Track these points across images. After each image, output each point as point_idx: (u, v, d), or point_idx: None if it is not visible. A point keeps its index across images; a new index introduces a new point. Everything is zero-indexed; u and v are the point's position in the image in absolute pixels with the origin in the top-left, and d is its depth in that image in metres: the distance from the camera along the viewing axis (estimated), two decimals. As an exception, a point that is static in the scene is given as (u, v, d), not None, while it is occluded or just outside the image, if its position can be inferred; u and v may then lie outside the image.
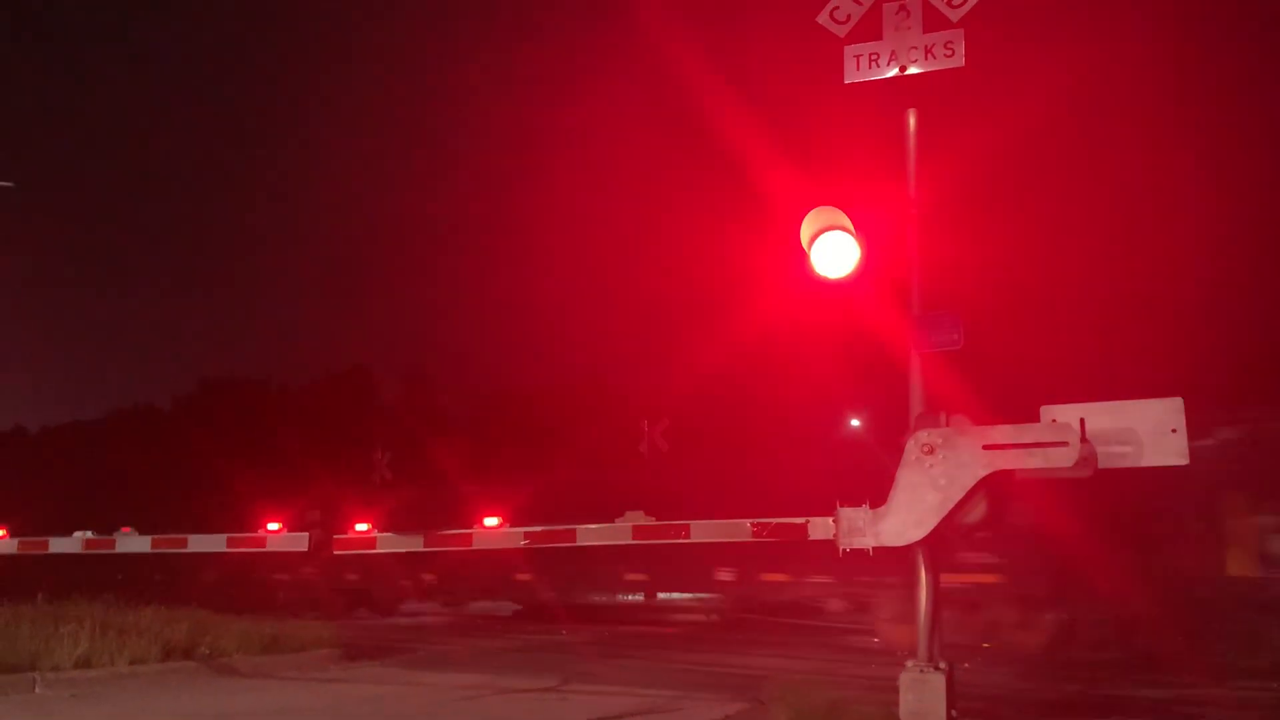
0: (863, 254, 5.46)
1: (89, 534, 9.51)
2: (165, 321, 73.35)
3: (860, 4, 5.86)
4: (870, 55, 5.76)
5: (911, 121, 5.75)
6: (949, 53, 5.60)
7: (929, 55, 5.64)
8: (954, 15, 5.63)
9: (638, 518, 6.48)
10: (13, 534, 10.84)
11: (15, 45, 78.39)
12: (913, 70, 5.68)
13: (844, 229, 5.49)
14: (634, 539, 6.44)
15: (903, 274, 5.61)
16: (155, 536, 9.36)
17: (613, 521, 6.58)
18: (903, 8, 5.74)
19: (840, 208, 5.49)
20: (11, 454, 40.08)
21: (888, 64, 5.73)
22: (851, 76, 5.83)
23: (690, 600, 19.62)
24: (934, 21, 5.64)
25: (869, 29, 5.78)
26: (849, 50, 5.84)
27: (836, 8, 5.87)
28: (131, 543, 9.33)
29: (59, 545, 9.51)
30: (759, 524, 5.87)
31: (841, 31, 5.86)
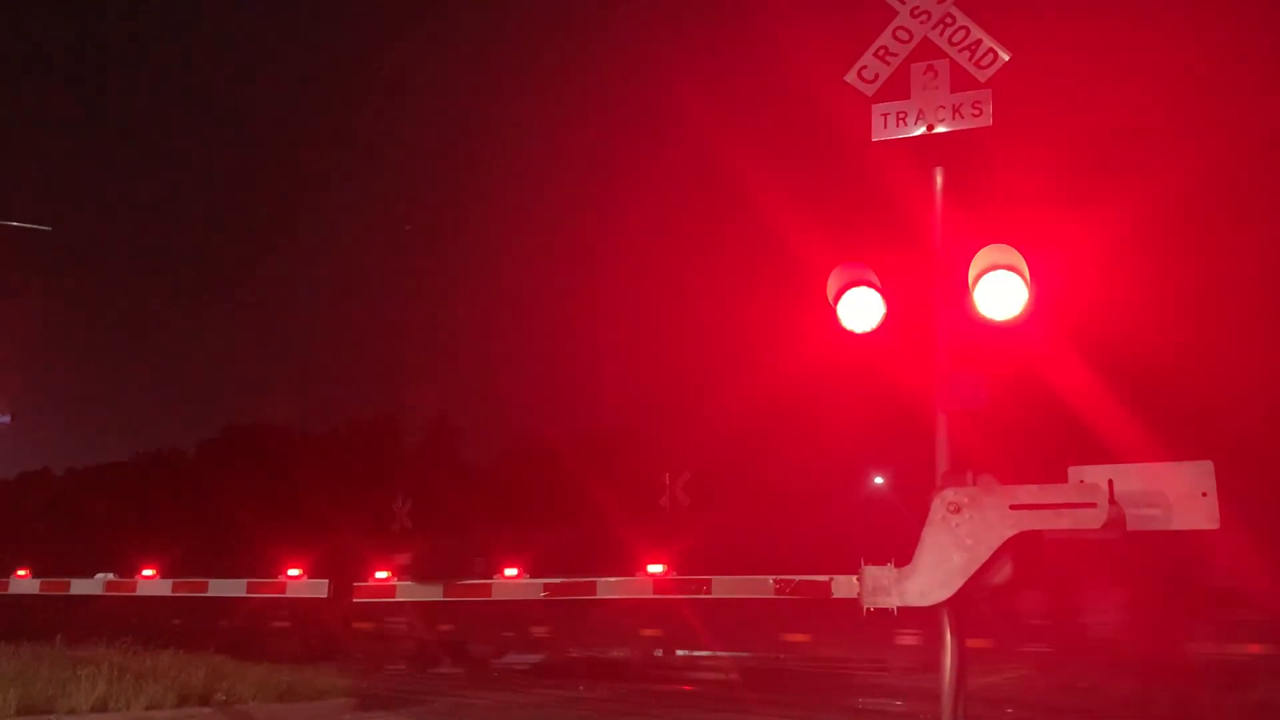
0: (889, 310, 5.45)
1: (111, 576, 9.55)
2: (191, 367, 74.02)
3: (888, 64, 5.91)
4: (898, 114, 5.80)
5: (939, 179, 5.77)
6: (977, 112, 5.63)
7: (956, 114, 5.67)
8: (982, 76, 5.67)
9: (658, 571, 6.44)
10: (35, 574, 10.89)
11: (51, 85, 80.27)
12: (940, 129, 5.71)
13: (870, 284, 5.49)
14: (654, 593, 6.39)
15: (929, 331, 5.58)
16: (176, 580, 9.40)
17: (633, 575, 6.54)
18: (930, 67, 5.78)
19: (868, 264, 5.50)
20: (37, 495, 40.34)
21: (915, 122, 5.77)
22: (879, 135, 5.86)
23: (709, 657, 19.39)
24: (962, 81, 5.68)
25: (897, 88, 5.83)
26: (877, 109, 5.88)
27: (864, 67, 5.92)
28: (153, 586, 9.36)
29: (80, 587, 9.55)
30: (782, 581, 5.82)
31: (869, 90, 5.91)
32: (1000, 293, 5.27)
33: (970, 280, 5.33)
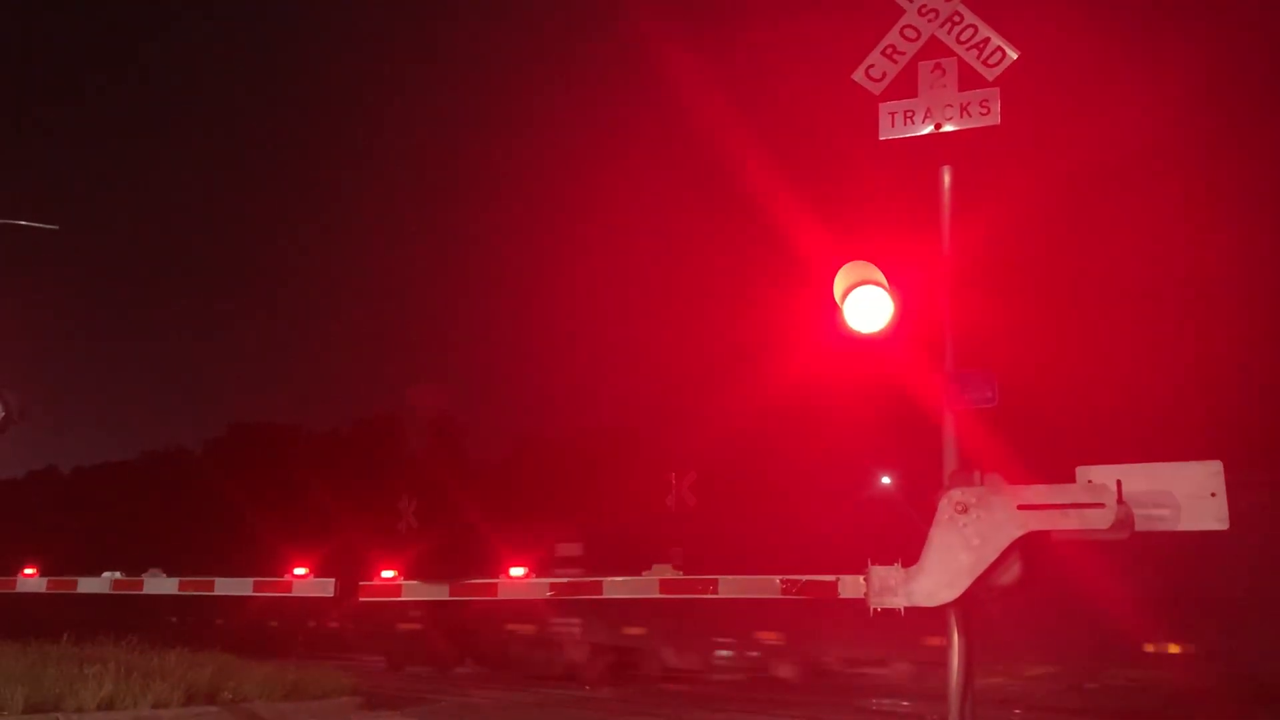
0: (896, 310, 5.43)
1: (118, 574, 9.54)
2: (197, 366, 74.18)
3: (895, 62, 5.89)
4: (905, 112, 5.77)
5: (946, 178, 5.74)
6: (984, 110, 5.61)
7: (964, 113, 5.65)
8: (989, 74, 5.64)
9: (665, 571, 6.41)
10: (42, 573, 10.88)
11: (55, 84, 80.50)
12: (948, 128, 5.69)
13: (878, 284, 5.47)
14: (661, 593, 6.35)
15: (937, 330, 5.56)
16: (182, 579, 9.38)
17: (639, 574, 6.51)
18: (938, 66, 5.76)
19: (874, 263, 5.48)
20: (43, 493, 40.46)
21: (923, 121, 5.75)
22: (886, 133, 5.84)
23: (715, 657, 19.33)
24: (970, 80, 5.66)
25: (904, 87, 5.81)
26: (884, 107, 5.86)
27: (872, 65, 5.90)
28: (159, 584, 9.35)
29: (87, 585, 9.54)
30: (788, 580, 5.78)
31: (876, 89, 5.88)
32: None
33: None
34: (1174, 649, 13.73)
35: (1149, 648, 13.98)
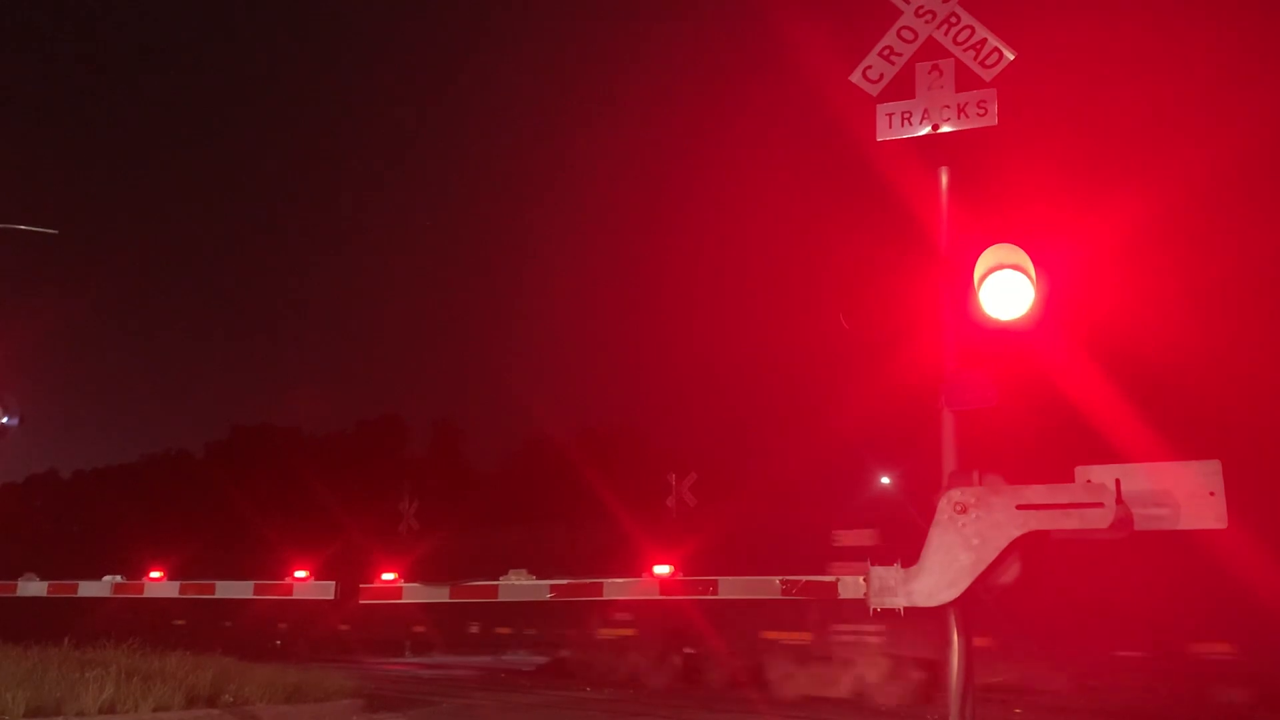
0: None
1: (119, 578, 9.55)
2: (200, 368, 74.22)
3: (893, 63, 5.90)
4: (903, 113, 5.78)
5: (944, 179, 5.75)
6: (982, 111, 5.62)
7: (961, 114, 5.66)
8: (986, 75, 5.65)
9: (664, 572, 6.42)
10: (43, 577, 10.89)
11: (57, 86, 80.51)
12: (945, 128, 5.70)
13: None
14: (661, 594, 6.37)
15: (935, 332, 5.57)
16: (183, 582, 9.39)
17: (639, 575, 6.52)
18: (935, 67, 5.77)
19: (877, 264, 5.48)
20: (44, 497, 40.48)
21: (920, 122, 5.75)
22: (884, 134, 5.84)
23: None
24: (967, 80, 5.67)
25: (902, 88, 5.82)
26: (881, 108, 5.87)
27: (869, 67, 5.91)
28: (159, 588, 9.36)
29: (88, 589, 9.54)
30: (788, 581, 5.79)
31: (874, 90, 5.89)
32: (1006, 292, 5.23)
33: (976, 279, 5.30)
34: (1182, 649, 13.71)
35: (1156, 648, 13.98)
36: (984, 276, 5.29)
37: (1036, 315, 5.22)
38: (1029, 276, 5.22)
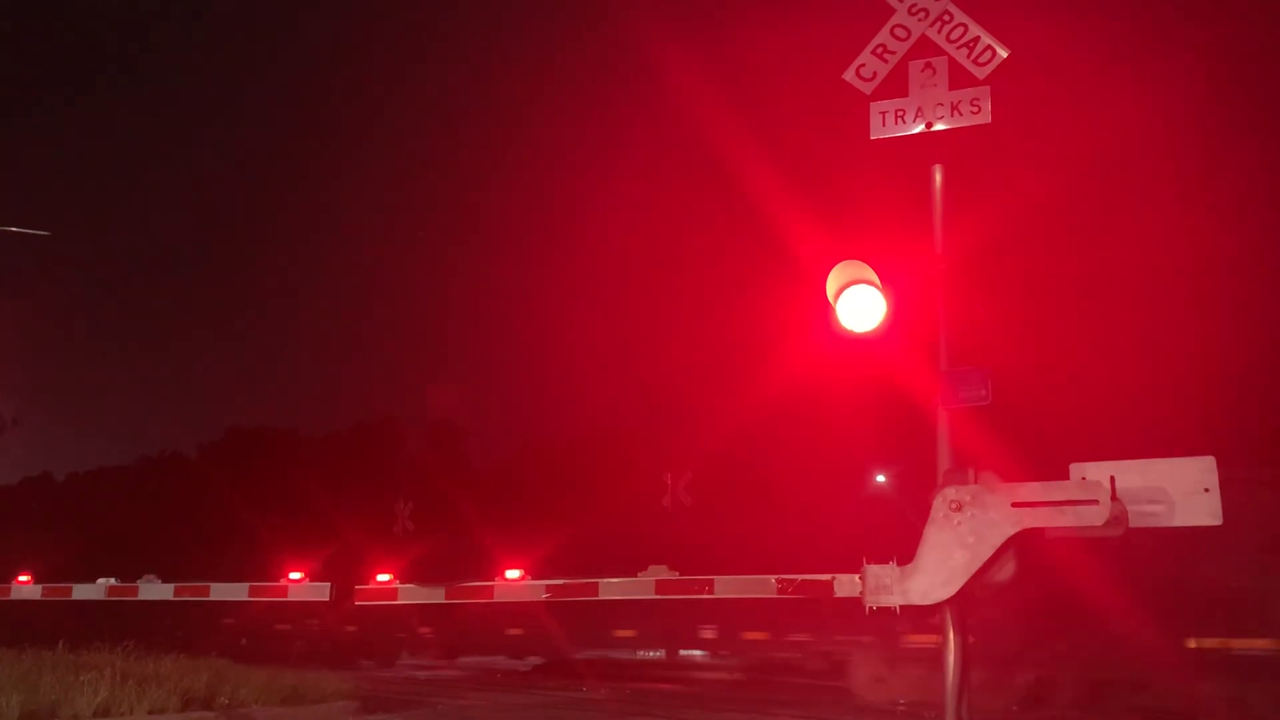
0: (889, 308, 5.44)
1: (113, 581, 9.53)
2: (194, 370, 74.09)
3: (886, 61, 5.90)
4: (896, 111, 5.79)
5: (938, 177, 5.76)
6: (975, 109, 5.63)
7: (955, 112, 5.66)
8: (980, 73, 5.66)
9: (660, 572, 6.42)
10: (37, 580, 10.87)
11: (51, 85, 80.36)
12: (939, 126, 5.70)
13: (870, 283, 5.48)
14: (657, 594, 6.37)
15: (930, 329, 5.57)
16: (178, 584, 9.38)
17: (635, 576, 6.52)
18: (928, 65, 5.77)
19: (867, 262, 5.49)
20: (38, 500, 40.35)
21: (914, 120, 5.76)
22: (878, 132, 5.85)
23: (711, 658, 19.34)
24: (960, 79, 5.67)
25: (895, 86, 5.82)
26: (875, 107, 5.88)
27: (862, 65, 5.92)
28: (154, 590, 9.34)
29: (82, 592, 9.53)
30: (784, 580, 5.80)
31: (868, 89, 5.90)
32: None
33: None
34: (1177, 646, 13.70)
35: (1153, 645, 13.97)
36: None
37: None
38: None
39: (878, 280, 5.46)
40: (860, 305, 5.48)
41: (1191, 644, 13.36)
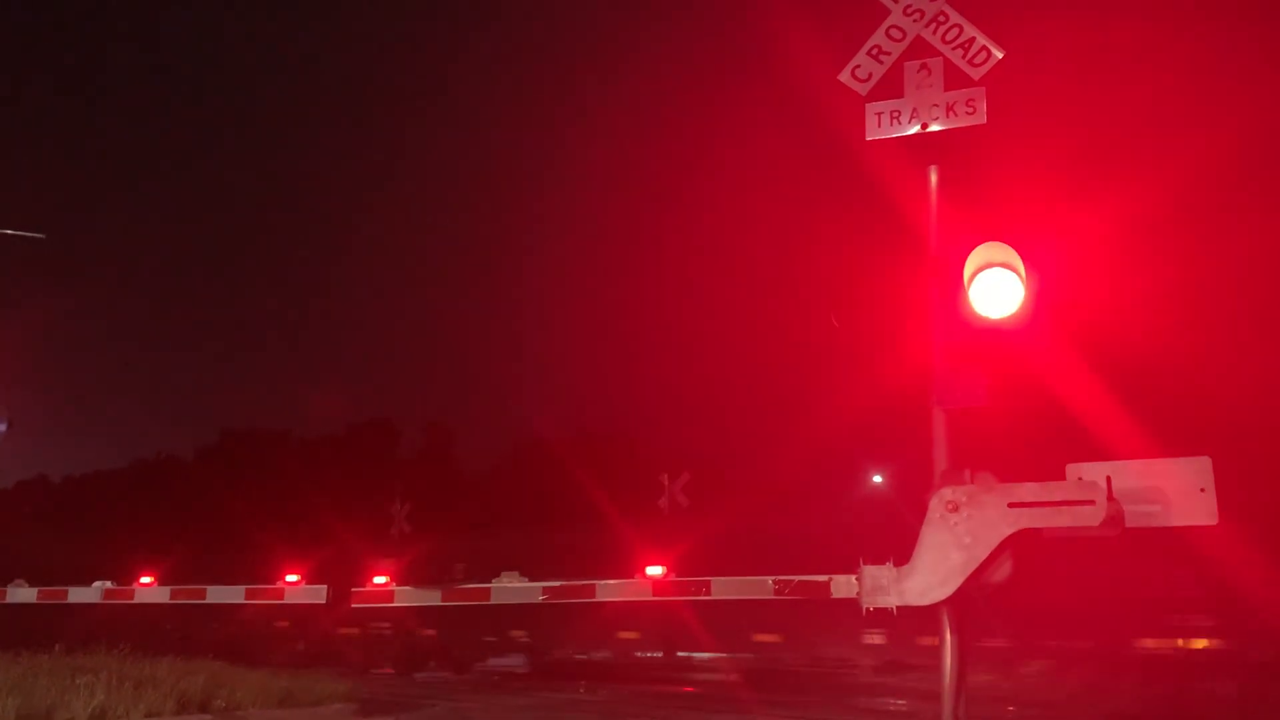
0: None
1: (109, 584, 9.52)
2: (189, 373, 73.97)
3: (881, 62, 5.90)
4: (892, 112, 5.78)
5: (933, 178, 5.76)
6: (971, 110, 5.62)
7: (950, 112, 5.66)
8: (975, 74, 5.66)
9: (656, 574, 6.42)
10: (33, 583, 10.86)
11: (46, 88, 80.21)
12: (934, 127, 5.70)
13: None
14: (654, 595, 6.37)
15: (926, 329, 5.56)
16: (174, 587, 9.38)
17: (632, 577, 6.52)
18: (924, 66, 5.77)
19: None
20: (34, 503, 40.27)
21: (909, 121, 5.76)
22: (873, 133, 5.84)
23: (708, 658, 19.34)
24: (955, 79, 5.67)
25: (891, 87, 5.82)
26: (870, 107, 5.87)
27: (858, 66, 5.91)
28: (150, 593, 9.34)
29: (78, 595, 9.52)
30: (781, 581, 5.80)
31: (863, 89, 5.89)
32: (996, 290, 5.22)
33: (966, 278, 5.29)
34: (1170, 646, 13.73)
35: (1145, 644, 14.01)
36: (974, 275, 5.27)
37: (1027, 313, 5.20)
38: (1019, 274, 5.21)
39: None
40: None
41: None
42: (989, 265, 5.23)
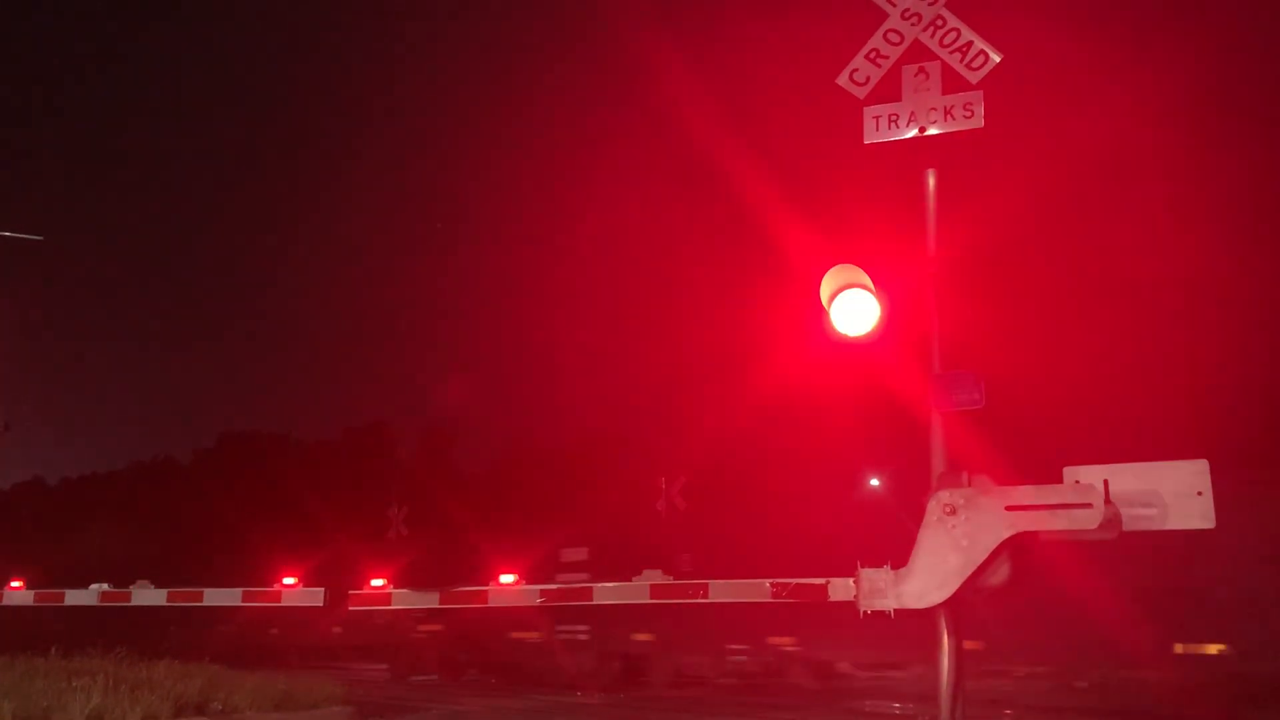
0: (883, 312, 5.44)
1: (105, 586, 9.49)
2: (186, 375, 73.90)
3: (879, 66, 5.91)
4: (890, 116, 5.79)
5: (931, 181, 5.76)
6: (968, 114, 5.63)
7: (948, 116, 5.67)
8: (973, 77, 5.66)
9: (655, 576, 6.41)
10: (29, 585, 10.82)
11: (44, 90, 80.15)
12: (932, 131, 5.71)
13: (864, 287, 5.48)
14: (651, 598, 6.35)
15: (923, 333, 5.58)
16: (171, 590, 9.35)
17: (629, 580, 6.51)
18: (921, 70, 5.78)
19: (860, 266, 5.49)
20: (30, 505, 40.22)
21: (907, 125, 5.76)
22: (871, 137, 5.85)
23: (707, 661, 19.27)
24: (953, 83, 5.68)
25: (888, 90, 5.83)
26: (868, 111, 5.88)
27: (856, 70, 5.92)
28: (147, 595, 9.31)
29: (75, 597, 9.48)
30: (778, 584, 5.79)
31: (861, 93, 5.90)
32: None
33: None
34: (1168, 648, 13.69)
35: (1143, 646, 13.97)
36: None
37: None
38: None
39: (871, 284, 5.46)
40: (854, 309, 5.47)
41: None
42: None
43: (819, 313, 5.57)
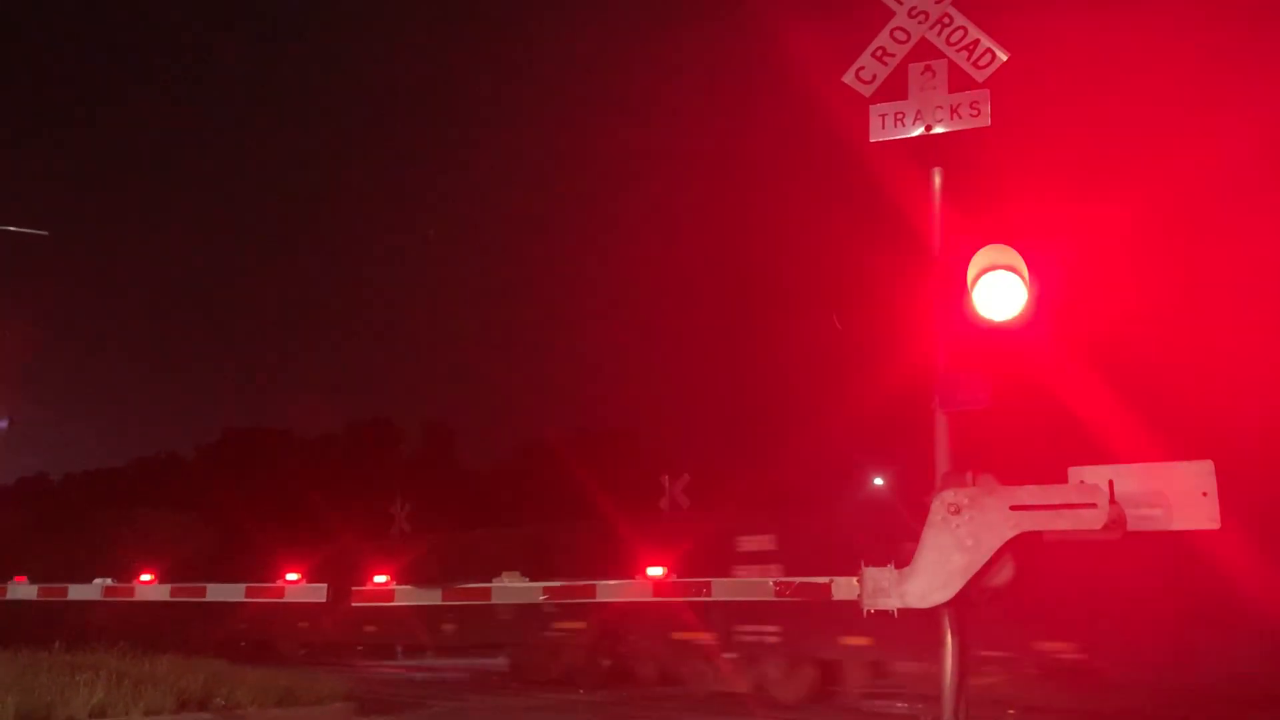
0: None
1: (109, 581, 9.52)
2: (190, 371, 74.06)
3: (885, 64, 5.90)
4: (896, 114, 5.78)
5: (937, 180, 5.75)
6: (975, 112, 5.61)
7: (955, 114, 5.65)
8: (979, 76, 5.65)
9: (658, 574, 6.42)
10: (33, 580, 10.86)
11: (48, 86, 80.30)
12: (938, 129, 5.69)
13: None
14: (655, 596, 6.36)
15: (929, 332, 5.55)
16: (175, 585, 9.38)
17: (633, 577, 6.52)
18: (928, 68, 5.76)
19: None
20: (34, 500, 40.32)
21: (913, 123, 5.75)
22: (877, 135, 5.84)
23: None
24: (960, 81, 5.66)
25: (895, 89, 5.82)
26: (874, 109, 5.86)
27: (862, 68, 5.90)
28: (151, 591, 9.34)
29: (78, 592, 9.51)
30: (781, 583, 5.79)
31: (867, 91, 5.89)
32: (999, 293, 5.22)
33: (969, 280, 5.29)
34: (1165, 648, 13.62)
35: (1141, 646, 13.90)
36: (977, 277, 5.27)
37: (1029, 315, 5.20)
38: (1022, 277, 5.21)
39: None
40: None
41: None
42: (992, 268, 5.23)
43: (825, 311, 5.54)
